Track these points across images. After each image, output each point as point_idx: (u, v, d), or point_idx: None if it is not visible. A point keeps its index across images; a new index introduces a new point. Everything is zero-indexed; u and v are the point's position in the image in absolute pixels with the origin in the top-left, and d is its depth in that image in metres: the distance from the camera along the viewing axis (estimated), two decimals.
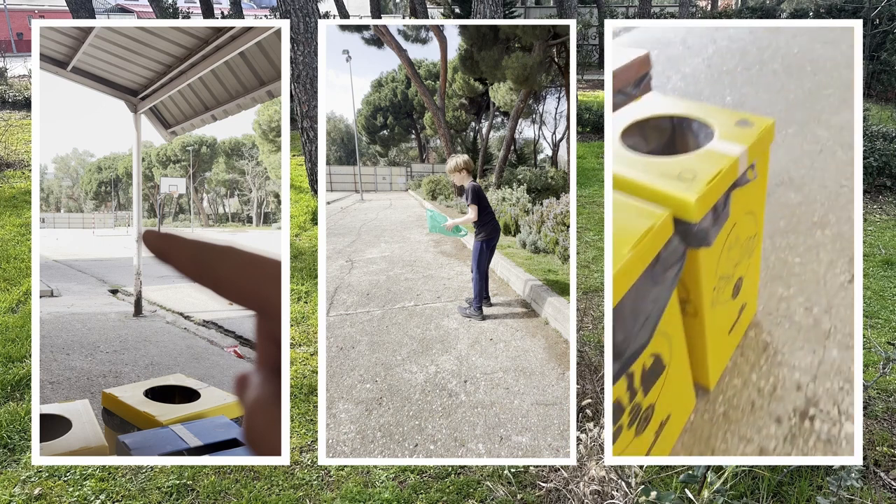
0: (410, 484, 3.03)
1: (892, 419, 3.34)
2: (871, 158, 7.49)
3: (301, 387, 3.79)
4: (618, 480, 2.37)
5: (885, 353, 2.98)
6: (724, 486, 2.27)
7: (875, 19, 13.49)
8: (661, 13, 23.35)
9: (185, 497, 2.97)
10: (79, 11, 12.43)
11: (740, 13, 20.66)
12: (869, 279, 5.22)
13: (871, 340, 3.98)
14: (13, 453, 3.26)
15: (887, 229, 6.52)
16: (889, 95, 13.57)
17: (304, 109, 7.45)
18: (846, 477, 2.35)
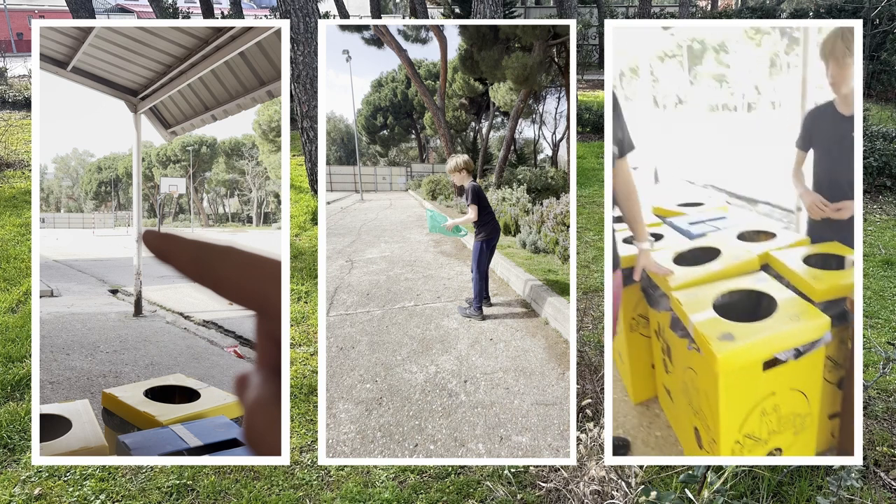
0: (410, 484, 3.02)
1: (892, 419, 3.34)
2: (871, 158, 7.49)
3: (301, 387, 3.79)
4: (618, 480, 2.37)
5: (885, 353, 2.98)
6: (724, 486, 2.27)
7: (875, 19, 13.48)
8: (661, 13, 23.35)
9: (185, 497, 2.97)
10: (79, 11, 12.43)
11: (740, 13, 20.66)
12: (869, 279, 5.22)
13: (871, 340, 3.98)
14: (13, 453, 3.26)
15: (887, 229, 6.52)
16: (889, 95, 13.56)
17: (304, 109, 7.45)
18: (846, 477, 2.34)
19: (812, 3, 16.69)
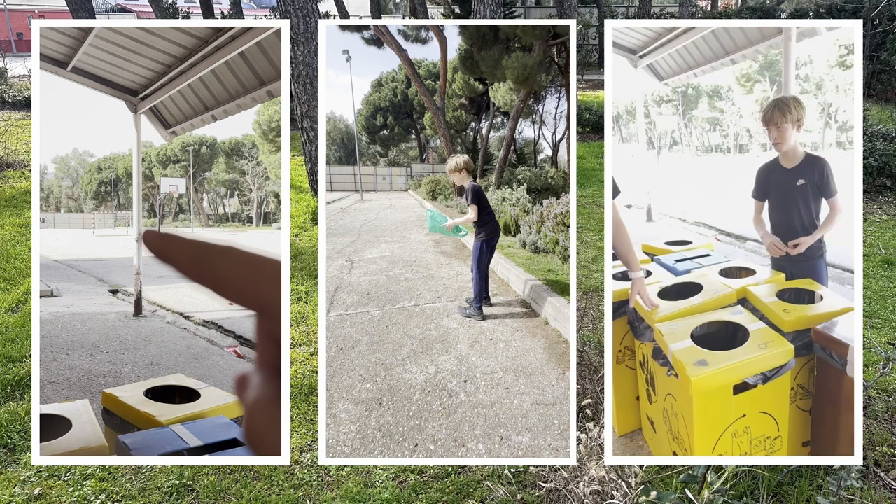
0: (410, 484, 3.03)
1: (892, 419, 3.34)
2: (871, 158, 7.49)
3: (301, 387, 3.79)
4: (618, 480, 2.37)
5: (885, 353, 2.98)
6: (724, 486, 2.27)
7: (875, 19, 13.49)
8: (661, 13, 23.35)
9: (185, 497, 2.97)
10: (79, 11, 12.43)
11: (740, 13, 20.66)
12: (869, 279, 5.22)
13: (871, 340, 3.98)
14: (13, 453, 3.26)
15: (887, 229, 6.52)
16: (889, 95, 13.57)
17: (304, 109, 7.45)
18: (846, 477, 2.35)
19: (812, 3, 16.70)
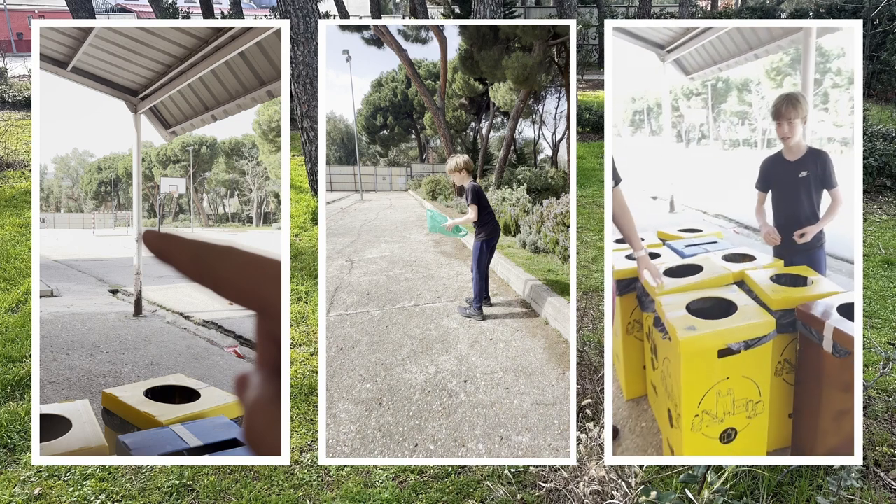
0: (410, 484, 3.03)
1: (892, 419, 3.34)
2: (871, 158, 7.49)
3: (301, 387, 3.79)
4: (618, 480, 2.37)
5: (885, 353, 2.98)
6: (724, 486, 2.27)
7: (875, 19, 13.49)
8: (661, 13, 23.35)
9: (185, 497, 2.97)
10: (79, 11, 12.43)
11: (740, 13, 20.67)
12: (869, 279, 5.22)
13: (871, 340, 3.98)
14: (13, 453, 3.26)
15: (887, 229, 6.52)
16: (889, 95, 13.57)
17: (304, 109, 7.45)
18: (846, 477, 2.35)
19: (812, 3, 16.70)
